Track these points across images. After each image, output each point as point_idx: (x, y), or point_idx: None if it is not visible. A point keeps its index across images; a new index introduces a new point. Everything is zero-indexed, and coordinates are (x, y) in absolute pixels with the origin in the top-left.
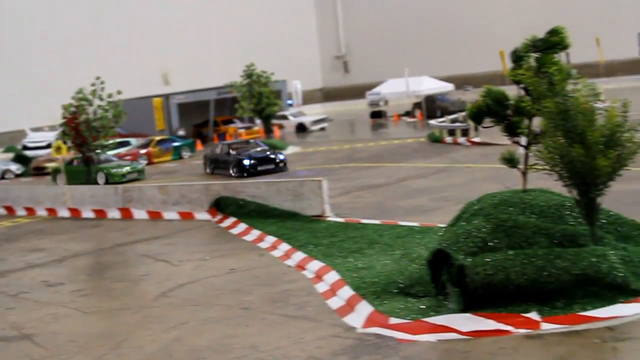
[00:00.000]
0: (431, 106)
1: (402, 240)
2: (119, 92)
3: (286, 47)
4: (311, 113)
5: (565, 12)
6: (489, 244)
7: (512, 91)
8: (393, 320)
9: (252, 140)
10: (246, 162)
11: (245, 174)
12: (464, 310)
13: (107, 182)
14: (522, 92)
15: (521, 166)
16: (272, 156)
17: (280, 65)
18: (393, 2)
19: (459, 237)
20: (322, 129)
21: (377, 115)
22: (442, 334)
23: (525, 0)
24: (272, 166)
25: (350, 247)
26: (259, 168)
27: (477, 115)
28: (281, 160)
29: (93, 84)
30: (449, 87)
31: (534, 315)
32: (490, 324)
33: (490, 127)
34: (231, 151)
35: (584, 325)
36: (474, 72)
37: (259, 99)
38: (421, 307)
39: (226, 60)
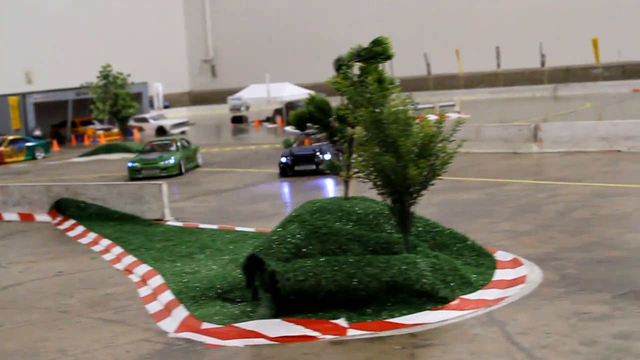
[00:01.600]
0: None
1: (234, 245)
2: None
3: (153, 50)
4: (173, 116)
5: (428, 24)
6: (303, 250)
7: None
8: (205, 325)
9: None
10: (283, 159)
11: (284, 173)
12: (275, 315)
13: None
14: (346, 101)
15: (343, 173)
16: (319, 154)
17: (146, 68)
18: (261, 9)
19: (272, 242)
20: (183, 132)
21: (238, 120)
22: (251, 339)
23: (389, 12)
24: (312, 167)
25: (181, 252)
26: (296, 168)
27: (300, 121)
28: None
29: None
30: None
31: (341, 322)
32: (298, 330)
33: (314, 133)
34: (294, 145)
35: (390, 332)
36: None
37: (115, 100)
38: (235, 312)
39: (90, 60)
